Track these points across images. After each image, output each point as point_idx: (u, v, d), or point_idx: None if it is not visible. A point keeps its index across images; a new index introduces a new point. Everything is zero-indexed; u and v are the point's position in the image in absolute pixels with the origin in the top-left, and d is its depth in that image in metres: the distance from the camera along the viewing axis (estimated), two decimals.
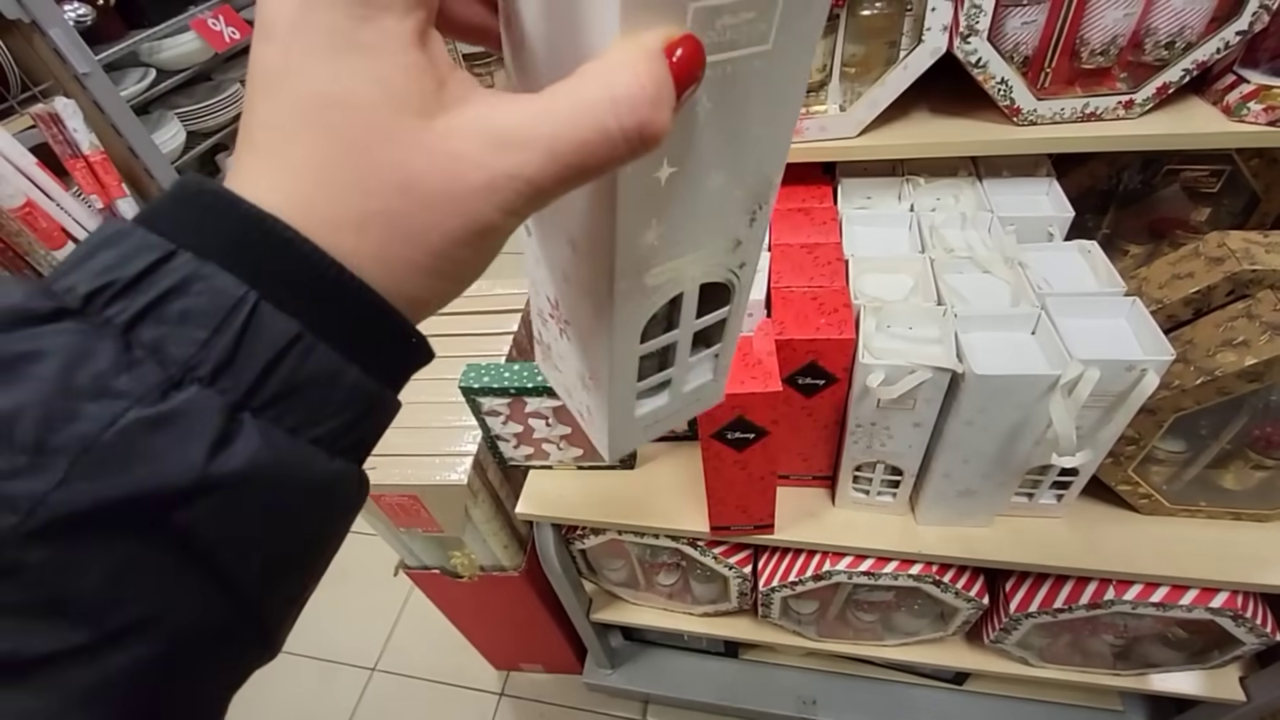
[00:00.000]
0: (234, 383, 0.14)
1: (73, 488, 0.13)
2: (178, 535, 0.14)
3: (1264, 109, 0.62)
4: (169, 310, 0.14)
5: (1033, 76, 0.66)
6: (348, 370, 0.16)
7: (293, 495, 0.16)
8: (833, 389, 0.62)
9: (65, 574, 0.13)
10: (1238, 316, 0.53)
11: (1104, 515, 0.68)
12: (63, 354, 0.13)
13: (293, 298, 0.15)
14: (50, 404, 0.13)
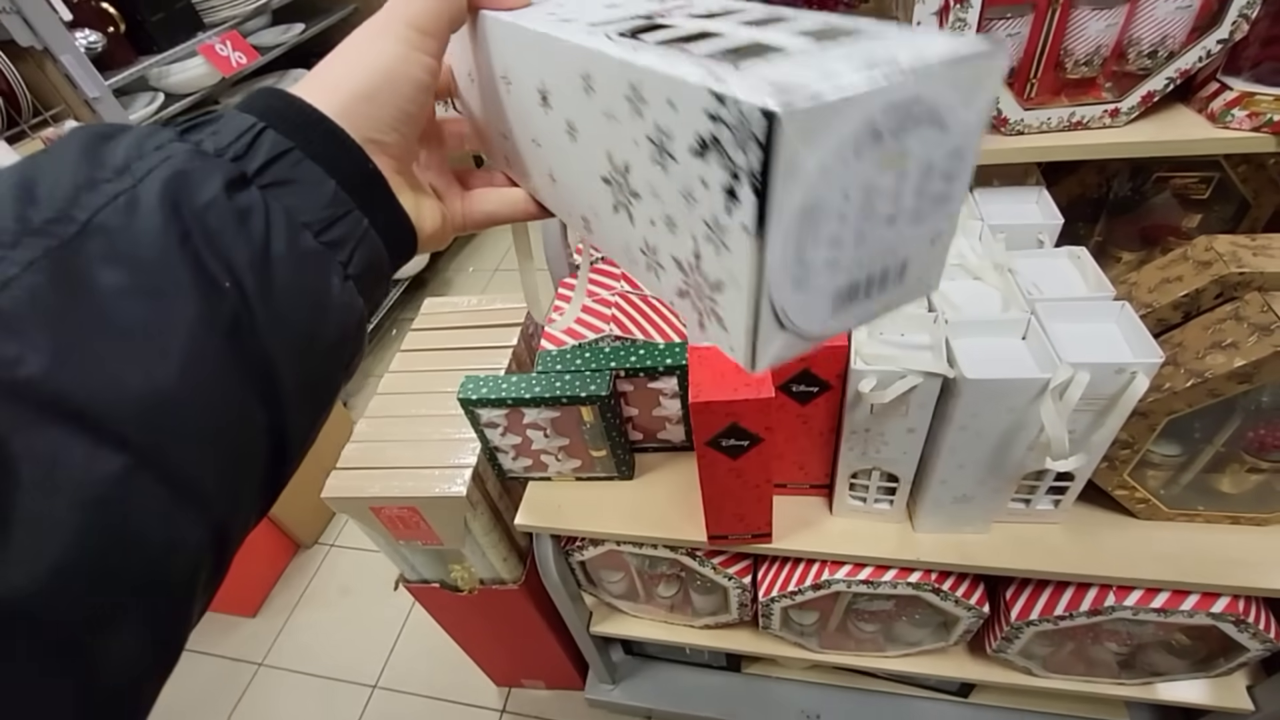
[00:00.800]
0: (246, 165, 0.21)
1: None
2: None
3: (1248, 115, 0.62)
4: (211, 129, 0.22)
5: (1019, 87, 0.67)
6: (327, 182, 0.23)
7: (305, 287, 0.22)
8: (826, 396, 0.62)
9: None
10: (1226, 319, 0.53)
11: (1102, 520, 0.68)
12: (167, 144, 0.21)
13: (290, 130, 0.22)
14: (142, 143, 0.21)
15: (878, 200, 0.27)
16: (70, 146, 0.20)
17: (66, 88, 1.42)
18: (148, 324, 0.18)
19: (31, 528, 0.16)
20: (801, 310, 0.29)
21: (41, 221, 0.18)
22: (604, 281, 0.83)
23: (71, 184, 0.19)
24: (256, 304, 0.20)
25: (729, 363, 0.58)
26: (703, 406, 0.55)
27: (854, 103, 0.24)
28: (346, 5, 2.16)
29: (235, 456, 0.21)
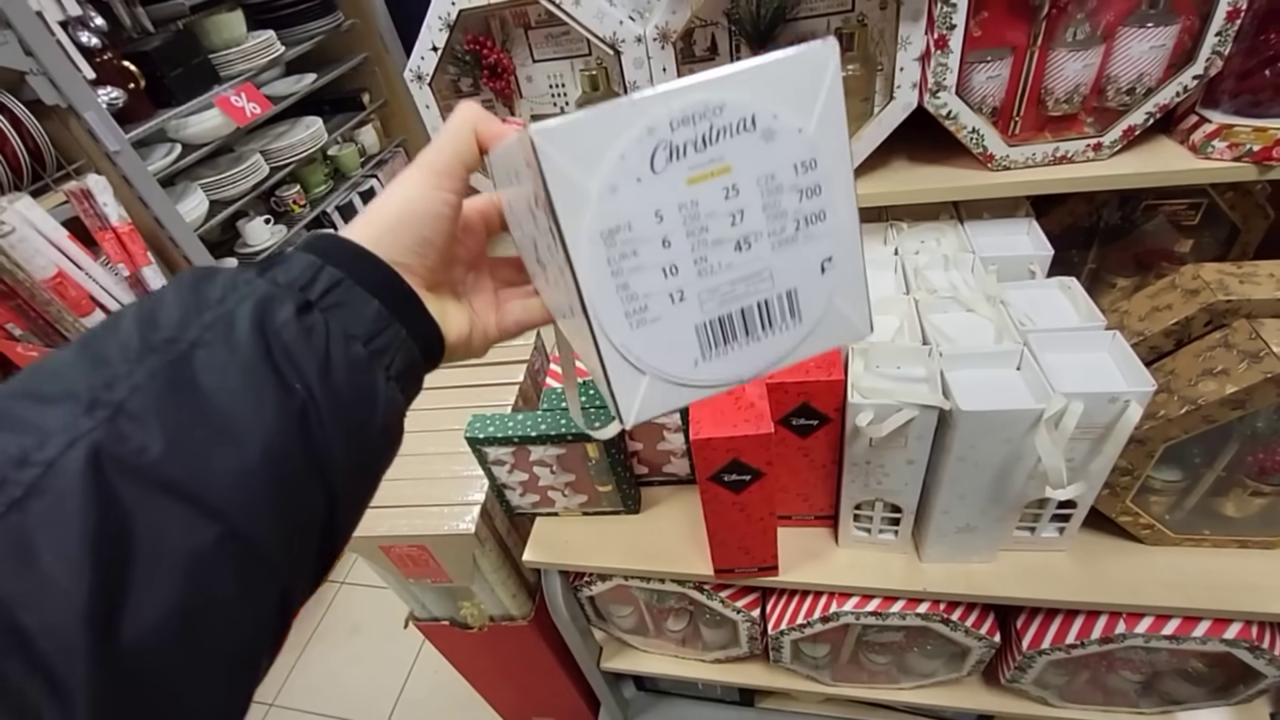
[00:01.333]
0: (310, 293, 0.27)
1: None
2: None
3: (1228, 146, 0.64)
4: (283, 267, 0.27)
5: (1003, 125, 0.70)
6: (372, 302, 0.28)
7: (357, 387, 0.27)
8: (827, 429, 0.64)
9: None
10: (1216, 346, 0.54)
11: (1108, 547, 0.68)
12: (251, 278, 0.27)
13: (341, 264, 0.28)
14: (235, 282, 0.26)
15: (711, 222, 0.26)
16: (181, 284, 0.26)
17: (89, 142, 1.48)
18: (239, 418, 0.23)
19: (142, 591, 0.20)
20: (654, 350, 0.27)
21: (160, 341, 0.23)
22: None
23: (182, 312, 0.24)
24: (320, 400, 0.25)
25: (729, 399, 0.60)
26: (703, 443, 0.57)
27: (616, 114, 0.24)
28: (356, 54, 2.24)
29: (299, 529, 0.25)
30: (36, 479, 0.20)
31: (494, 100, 0.74)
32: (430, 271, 0.32)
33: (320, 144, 2.03)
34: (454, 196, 0.31)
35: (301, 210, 2.06)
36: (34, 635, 0.19)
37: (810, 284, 0.29)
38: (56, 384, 0.22)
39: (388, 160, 2.39)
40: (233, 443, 0.23)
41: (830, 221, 0.28)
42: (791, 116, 0.25)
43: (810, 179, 0.27)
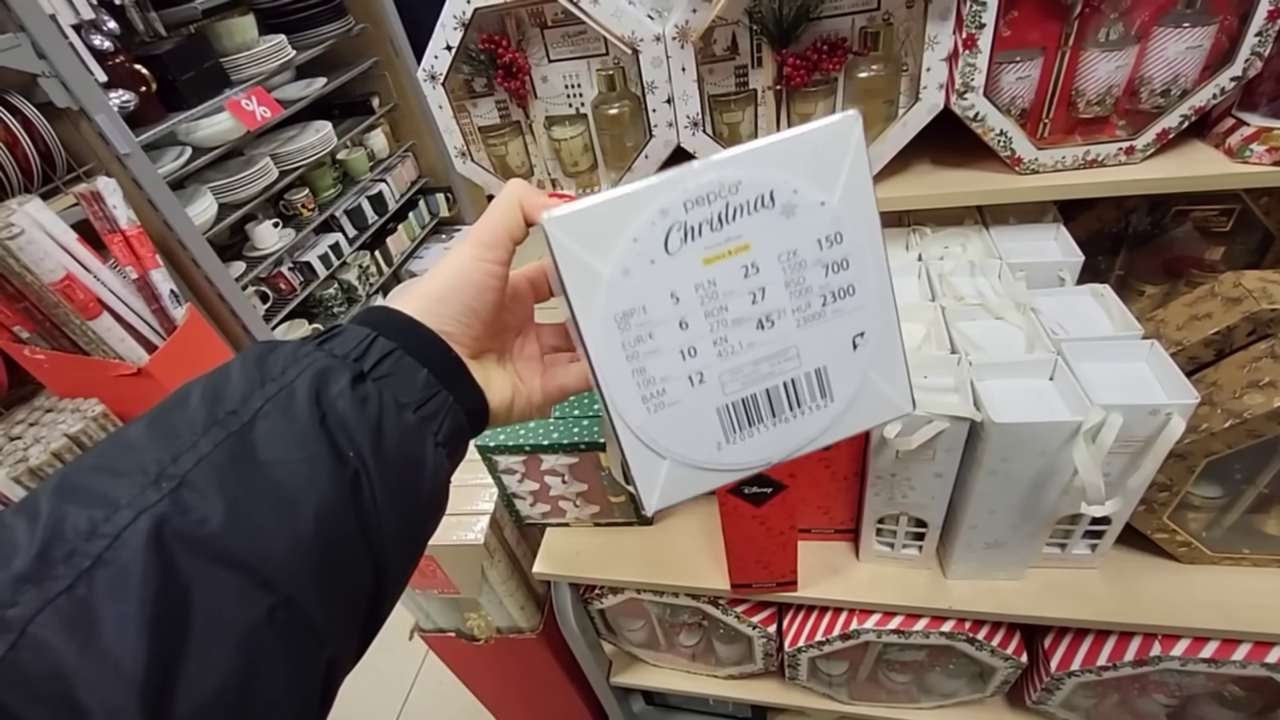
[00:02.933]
0: (363, 364, 0.28)
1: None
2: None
3: (1266, 150, 0.62)
4: (340, 340, 0.29)
5: (1031, 127, 0.68)
6: (421, 370, 0.29)
7: (407, 453, 0.28)
8: (850, 441, 0.61)
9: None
10: (1262, 357, 0.52)
11: (1143, 565, 0.65)
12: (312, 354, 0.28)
13: (393, 334, 0.29)
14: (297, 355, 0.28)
15: (730, 301, 0.25)
16: (247, 359, 0.27)
17: (99, 144, 1.48)
18: (295, 486, 0.24)
19: (197, 664, 0.21)
20: (674, 434, 0.26)
21: (224, 414, 0.24)
22: None
23: (246, 385, 0.26)
24: (372, 466, 0.26)
25: None
26: None
27: (629, 199, 0.24)
28: (366, 59, 2.24)
29: (348, 598, 0.26)
30: (103, 550, 0.20)
31: (508, 100, 0.72)
32: (475, 340, 0.33)
33: (330, 148, 2.03)
34: (500, 268, 0.32)
35: (310, 214, 2.05)
36: (92, 713, 0.19)
37: (841, 361, 0.28)
38: (128, 457, 0.23)
39: (396, 165, 2.39)
40: (289, 512, 0.24)
41: (860, 295, 0.27)
42: (813, 190, 0.25)
43: (837, 253, 0.26)
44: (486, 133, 0.74)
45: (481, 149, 0.75)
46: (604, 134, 0.73)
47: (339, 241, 2.13)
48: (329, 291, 2.11)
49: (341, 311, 2.15)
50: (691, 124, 0.68)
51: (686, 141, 0.69)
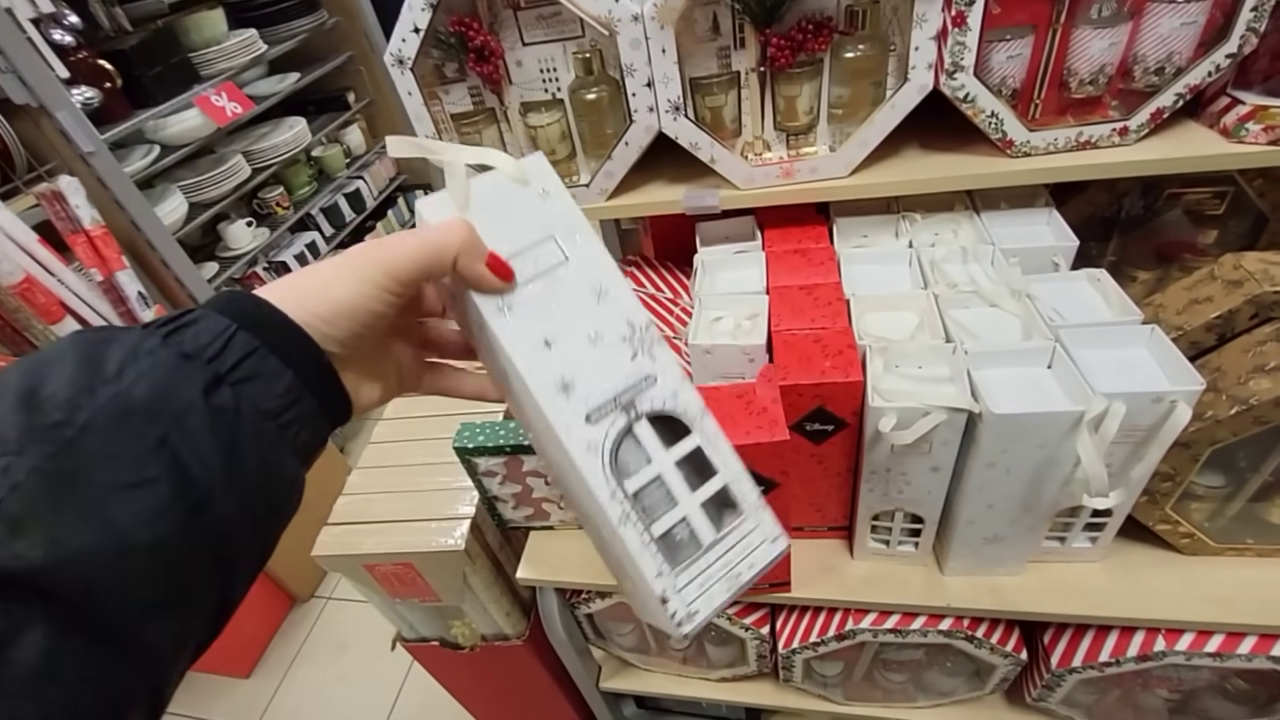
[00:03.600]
0: (220, 366, 0.25)
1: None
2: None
3: (1263, 129, 0.60)
4: (191, 331, 0.25)
5: (1023, 108, 0.66)
6: (286, 373, 0.26)
7: (263, 465, 0.26)
8: (843, 434, 0.59)
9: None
10: (1267, 340, 0.50)
11: (1144, 558, 0.64)
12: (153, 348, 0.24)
13: (257, 329, 0.26)
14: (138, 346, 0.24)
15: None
16: (69, 353, 0.23)
17: (62, 143, 1.42)
18: (129, 515, 0.21)
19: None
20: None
21: (45, 425, 0.21)
22: None
23: (72, 388, 0.21)
24: (221, 488, 0.23)
25: (736, 401, 0.55)
26: None
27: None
28: (340, 53, 2.19)
29: (187, 623, 0.24)
30: None
31: (481, 86, 0.69)
32: (355, 353, 0.30)
33: (304, 145, 1.98)
34: (398, 300, 0.29)
35: (285, 212, 2.00)
36: None
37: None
38: None
39: (374, 162, 2.34)
40: (120, 544, 0.21)
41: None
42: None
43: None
44: (459, 120, 0.71)
45: (455, 138, 0.72)
46: (582, 120, 0.70)
47: (315, 240, 2.08)
48: None
49: None
50: (673, 108, 0.65)
51: (668, 127, 0.66)
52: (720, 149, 0.67)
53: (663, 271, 0.89)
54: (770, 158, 0.71)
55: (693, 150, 0.68)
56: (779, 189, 0.70)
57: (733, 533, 0.33)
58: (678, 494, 0.32)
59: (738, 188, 0.71)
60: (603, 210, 0.75)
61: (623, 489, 0.30)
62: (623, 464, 0.31)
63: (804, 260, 0.70)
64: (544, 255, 0.32)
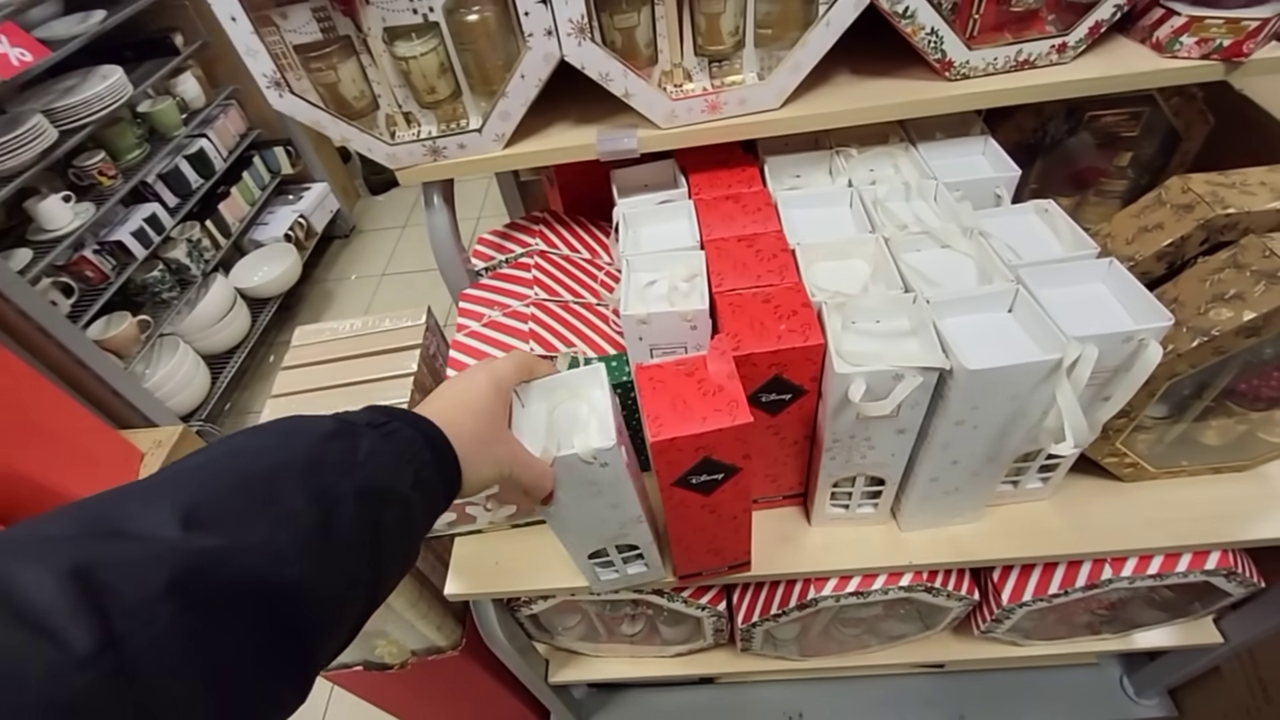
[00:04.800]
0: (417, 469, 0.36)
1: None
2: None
3: (1196, 42, 0.58)
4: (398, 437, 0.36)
5: (961, 24, 0.60)
6: (442, 486, 0.38)
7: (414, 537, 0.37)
8: (800, 402, 0.53)
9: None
10: (1224, 267, 0.48)
11: (1089, 490, 0.64)
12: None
13: (431, 447, 0.37)
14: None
15: None
16: (333, 439, 0.33)
17: None
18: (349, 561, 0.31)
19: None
20: None
21: (322, 493, 0.31)
22: (515, 290, 0.69)
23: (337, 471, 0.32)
24: (385, 553, 0.34)
25: (687, 380, 0.47)
26: (667, 445, 0.44)
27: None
28: None
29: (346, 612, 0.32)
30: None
31: (329, 7, 0.54)
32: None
33: (124, 98, 1.65)
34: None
35: (112, 182, 1.68)
36: None
37: None
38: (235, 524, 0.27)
39: (218, 116, 2.02)
40: (344, 574, 0.31)
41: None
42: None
43: None
44: (306, 54, 0.56)
45: (304, 76, 0.57)
46: (465, 50, 0.57)
47: (156, 213, 1.77)
48: (153, 274, 1.75)
49: (172, 297, 1.80)
50: (577, 30, 0.54)
51: (572, 54, 0.55)
52: (636, 80, 0.57)
53: (575, 228, 0.78)
54: (693, 89, 0.61)
55: (604, 83, 0.57)
56: (705, 126, 0.61)
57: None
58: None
59: (658, 126, 0.61)
60: (500, 160, 0.63)
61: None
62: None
63: (738, 207, 0.62)
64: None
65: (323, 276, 2.39)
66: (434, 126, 0.63)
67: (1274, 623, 0.72)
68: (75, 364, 1.47)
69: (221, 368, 1.93)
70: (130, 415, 1.61)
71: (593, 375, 0.49)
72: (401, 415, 0.37)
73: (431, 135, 0.62)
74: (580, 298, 0.69)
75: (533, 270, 0.71)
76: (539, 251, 0.73)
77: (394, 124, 0.63)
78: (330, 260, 2.45)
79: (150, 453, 1.39)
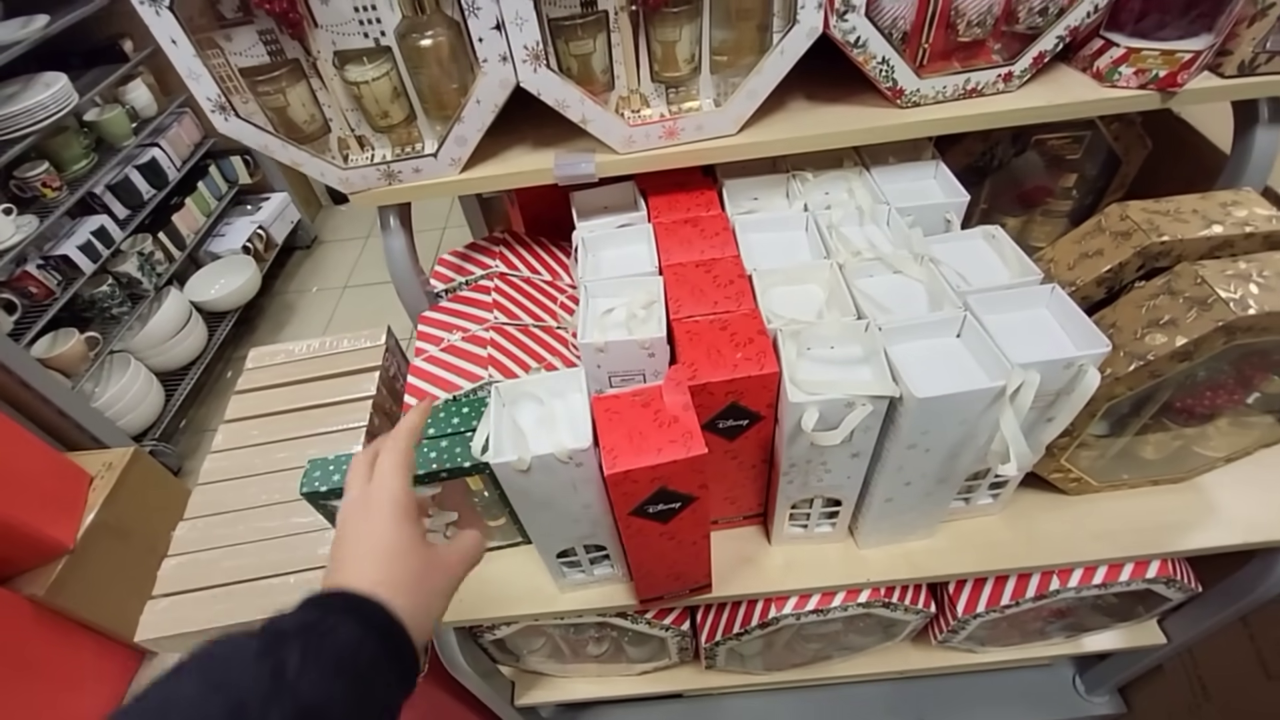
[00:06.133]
0: (358, 663, 0.33)
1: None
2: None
3: (1135, 72, 0.60)
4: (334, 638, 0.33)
5: (911, 53, 0.61)
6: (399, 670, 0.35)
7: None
8: (758, 427, 0.54)
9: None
10: (1159, 294, 0.50)
11: (1037, 504, 0.65)
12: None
13: (378, 633, 0.34)
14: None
15: None
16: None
17: None
18: None
19: None
20: None
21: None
22: (474, 314, 0.69)
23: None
24: None
25: (643, 411, 0.48)
26: (622, 476, 0.44)
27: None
28: None
29: None
30: None
31: (277, 31, 0.53)
32: None
33: (69, 107, 1.59)
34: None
35: (57, 194, 1.62)
36: None
37: None
38: None
39: (170, 125, 1.96)
40: None
41: None
42: None
43: None
44: (253, 77, 0.55)
45: (249, 98, 0.56)
46: (418, 74, 0.57)
47: (105, 226, 1.70)
48: (102, 289, 1.69)
49: (123, 313, 1.74)
50: (532, 57, 0.54)
51: (527, 80, 0.55)
52: (593, 106, 0.57)
53: (536, 249, 0.78)
54: (650, 115, 0.62)
55: (560, 109, 0.57)
56: (662, 151, 0.62)
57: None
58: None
59: (616, 152, 0.61)
60: (457, 185, 0.62)
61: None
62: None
63: (696, 231, 0.62)
64: None
65: (283, 289, 2.34)
66: (388, 150, 0.62)
67: (1211, 624, 0.75)
68: (18, 384, 1.41)
69: (177, 384, 1.87)
70: (79, 436, 1.55)
71: (571, 379, 0.51)
72: (339, 604, 0.34)
73: (386, 159, 0.61)
74: (540, 320, 0.69)
75: (492, 293, 0.70)
76: (499, 274, 0.73)
77: (347, 147, 0.62)
78: (291, 271, 2.40)
79: (100, 475, 1.34)
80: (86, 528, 1.21)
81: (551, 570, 0.61)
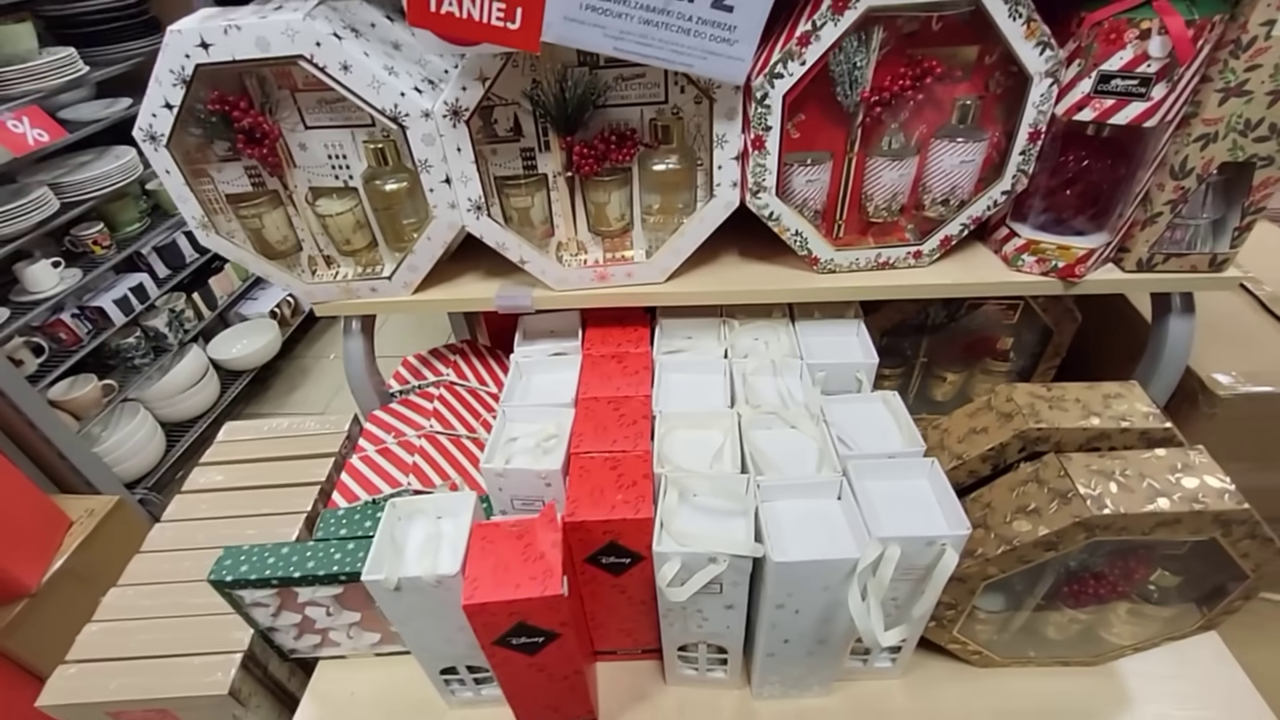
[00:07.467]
0: None
1: None
2: None
3: (1036, 260, 0.65)
4: None
5: (827, 228, 0.67)
6: None
7: None
8: (641, 565, 0.55)
9: None
10: (1027, 481, 0.52)
11: (941, 672, 0.64)
12: None
13: None
14: None
15: None
16: None
17: None
18: None
19: None
20: None
21: None
22: (414, 419, 0.73)
23: None
24: None
25: (515, 544, 0.50)
26: (479, 609, 0.46)
27: None
28: None
29: None
30: None
31: (260, 168, 0.62)
32: None
33: (132, 177, 1.77)
34: None
35: (105, 252, 1.77)
36: None
37: None
38: None
39: None
40: None
41: None
42: None
43: None
44: (237, 203, 0.63)
45: (232, 218, 0.64)
46: (380, 212, 0.64)
47: (143, 283, 1.85)
48: (129, 340, 1.81)
49: (145, 363, 1.85)
50: (475, 207, 0.61)
51: (472, 225, 0.62)
52: (530, 249, 0.64)
53: (489, 361, 0.83)
54: (586, 259, 0.68)
55: (500, 250, 0.64)
56: (594, 292, 0.67)
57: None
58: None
59: (552, 289, 0.67)
60: (409, 305, 0.69)
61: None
62: None
63: (620, 367, 0.67)
64: None
65: (302, 353, 2.45)
66: (351, 269, 0.69)
67: None
68: (24, 424, 1.49)
69: (180, 436, 1.95)
70: (73, 479, 1.61)
71: (464, 501, 0.54)
72: None
73: (347, 278, 0.68)
74: (473, 432, 0.73)
75: (435, 401, 0.75)
76: (447, 383, 0.78)
77: (315, 264, 0.69)
78: (314, 337, 2.52)
79: (80, 521, 1.38)
80: (53, 573, 1.24)
81: (436, 686, 0.62)
